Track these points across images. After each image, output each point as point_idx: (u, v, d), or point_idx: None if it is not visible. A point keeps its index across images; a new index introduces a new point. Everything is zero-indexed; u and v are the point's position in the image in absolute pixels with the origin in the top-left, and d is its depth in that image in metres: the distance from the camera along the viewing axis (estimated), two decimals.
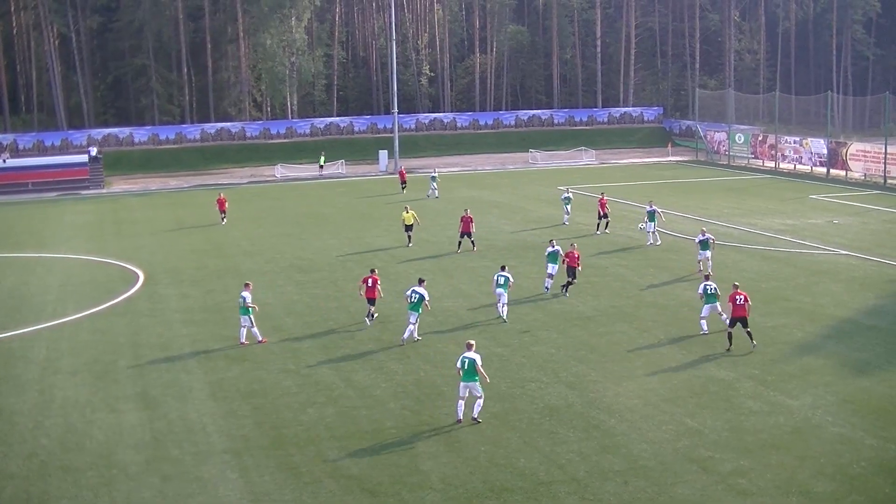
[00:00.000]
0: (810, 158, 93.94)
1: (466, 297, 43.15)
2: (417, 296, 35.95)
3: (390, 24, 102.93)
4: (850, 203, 72.38)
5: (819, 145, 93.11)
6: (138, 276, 49.27)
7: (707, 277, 38.56)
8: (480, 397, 28.03)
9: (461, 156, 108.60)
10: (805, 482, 24.20)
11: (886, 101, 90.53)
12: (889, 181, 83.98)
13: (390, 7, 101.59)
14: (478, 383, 27.88)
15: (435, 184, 76.09)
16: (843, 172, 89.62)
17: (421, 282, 36.99)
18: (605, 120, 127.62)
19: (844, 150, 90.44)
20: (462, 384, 27.99)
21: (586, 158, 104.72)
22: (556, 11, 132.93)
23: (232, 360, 34.75)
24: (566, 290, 43.12)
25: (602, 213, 59.13)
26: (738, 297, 34.41)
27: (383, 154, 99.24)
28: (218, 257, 54.21)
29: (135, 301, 44.45)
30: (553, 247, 43.75)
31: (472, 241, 53.60)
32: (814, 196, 76.00)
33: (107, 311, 42.62)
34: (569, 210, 62.31)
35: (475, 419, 27.99)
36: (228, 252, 55.73)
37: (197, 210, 72.06)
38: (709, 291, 36.94)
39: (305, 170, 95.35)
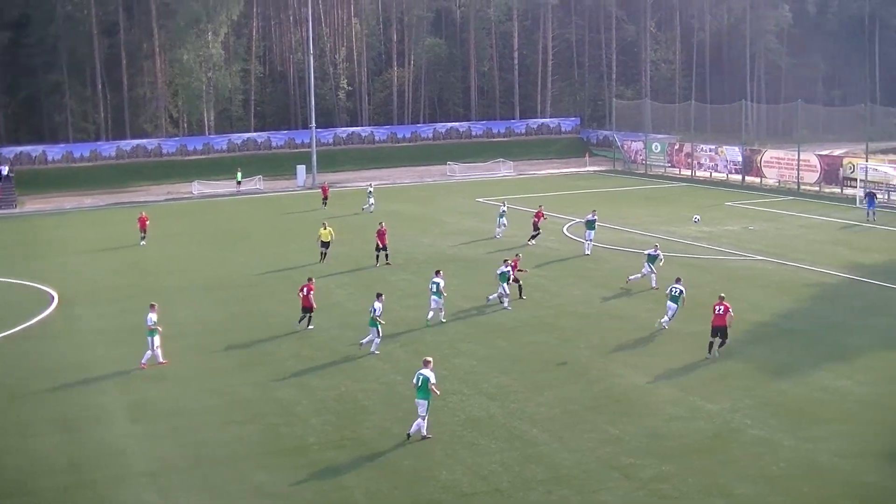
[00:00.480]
0: (726, 166, 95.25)
1: (387, 311, 42.90)
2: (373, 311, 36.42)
3: (307, 38, 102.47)
4: (766, 209, 73.49)
5: (734, 153, 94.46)
6: (53, 298, 48.29)
7: (677, 280, 39.39)
8: (422, 417, 27.80)
9: (380, 169, 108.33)
10: (727, 485, 24.48)
11: (798, 109, 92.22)
12: (802, 187, 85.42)
13: (307, 21, 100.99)
14: (426, 402, 27.69)
15: (371, 198, 75.58)
16: (757, 179, 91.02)
17: (378, 296, 37.09)
18: (523, 131, 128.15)
19: (759, 158, 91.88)
20: (416, 401, 27.98)
21: (504, 170, 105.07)
22: (474, 24, 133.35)
23: (151, 380, 34.24)
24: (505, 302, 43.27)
25: (536, 225, 59.45)
26: (718, 307, 34.88)
27: (301, 169, 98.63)
28: (135, 276, 53.36)
29: (49, 323, 43.64)
30: (505, 266, 43.58)
31: (386, 255, 53.59)
32: (729, 203, 77.03)
33: (20, 333, 41.73)
34: (505, 223, 62.28)
35: (409, 434, 27.89)
36: (146, 271, 54.91)
37: (114, 229, 70.95)
38: (673, 293, 38.30)
39: (223, 186, 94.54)
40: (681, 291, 38.28)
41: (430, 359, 28.57)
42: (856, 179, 79.74)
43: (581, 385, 32.31)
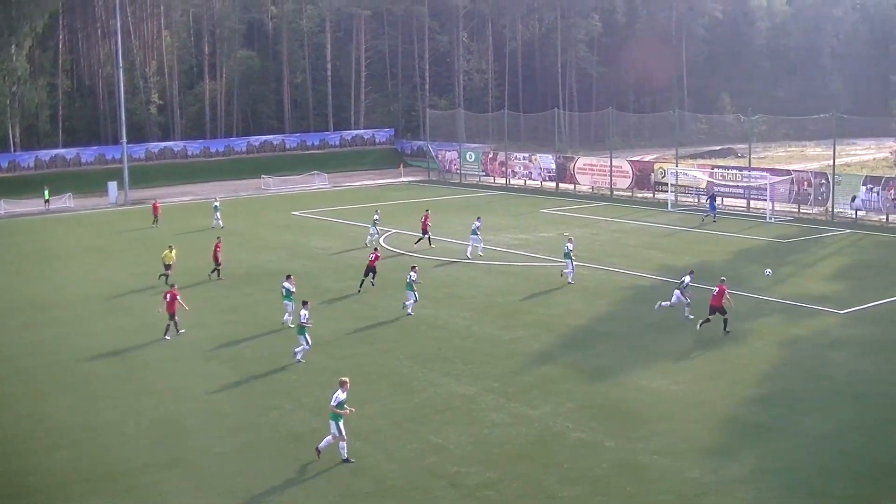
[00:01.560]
0: (540, 174, 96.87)
1: (205, 327, 42.15)
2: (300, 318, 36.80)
3: (116, 51, 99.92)
4: (580, 215, 74.98)
5: (548, 160, 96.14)
6: None
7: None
8: (329, 436, 27.05)
9: (193, 184, 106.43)
10: (551, 488, 24.75)
11: (611, 116, 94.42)
12: (615, 193, 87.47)
13: (116, 34, 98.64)
14: (333, 423, 26.97)
15: (218, 213, 73.42)
16: (571, 186, 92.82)
17: (305, 303, 37.24)
18: (338, 143, 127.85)
19: (572, 165, 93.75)
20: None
21: (319, 182, 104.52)
22: (287, 36, 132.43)
23: None
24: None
25: (423, 230, 60.65)
26: (716, 289, 39.33)
27: (112, 185, 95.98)
28: None
29: None
30: (413, 272, 43.83)
31: (218, 270, 52.79)
32: (544, 210, 78.32)
33: None
34: (377, 231, 62.52)
35: (318, 449, 27.17)
36: None
37: None
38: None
39: (30, 205, 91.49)
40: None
41: (345, 379, 27.68)
42: (667, 184, 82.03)
43: (403, 396, 32.27)
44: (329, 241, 63.10)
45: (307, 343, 36.71)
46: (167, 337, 40.23)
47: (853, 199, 71.28)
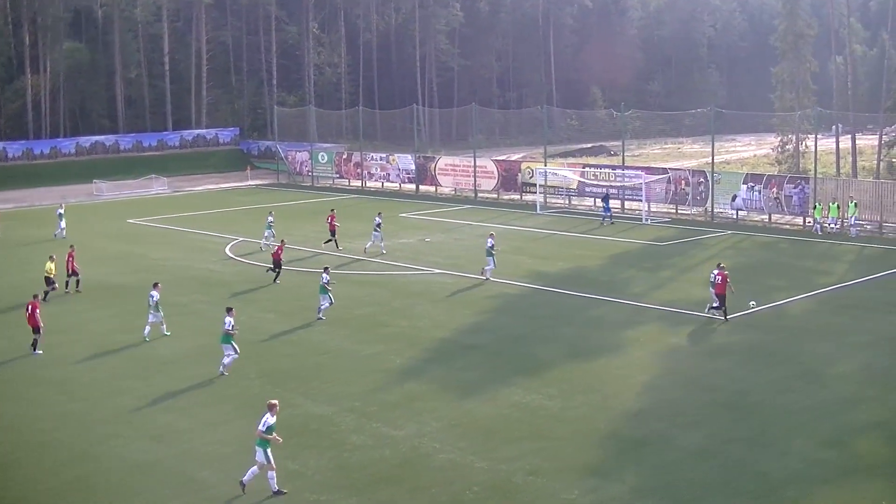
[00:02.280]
0: (398, 175, 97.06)
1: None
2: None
3: None
4: (442, 219, 75.34)
5: (406, 161, 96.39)
6: None
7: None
8: (254, 467, 26.37)
9: (15, 190, 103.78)
10: None
11: (474, 112, 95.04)
12: (480, 195, 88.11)
13: None
14: (260, 450, 26.27)
15: (63, 221, 71.55)
16: (433, 188, 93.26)
17: (229, 310, 37.36)
18: (177, 144, 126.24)
19: (433, 165, 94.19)
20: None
21: (157, 187, 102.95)
22: (119, 25, 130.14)
23: None
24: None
25: (332, 230, 62.21)
26: (717, 277, 42.76)
27: None
28: None
29: None
30: (326, 274, 45.19)
31: (78, 281, 52.16)
32: (404, 214, 78.44)
33: None
34: (272, 234, 63.65)
35: (242, 482, 26.42)
36: None
37: None
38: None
39: None
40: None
41: (274, 402, 27.11)
42: (535, 185, 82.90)
43: (255, 418, 31.74)
44: (169, 250, 62.20)
45: (235, 352, 36.65)
46: (38, 352, 39.94)
47: (733, 198, 73.04)
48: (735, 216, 73.21)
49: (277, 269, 52.53)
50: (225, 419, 31.91)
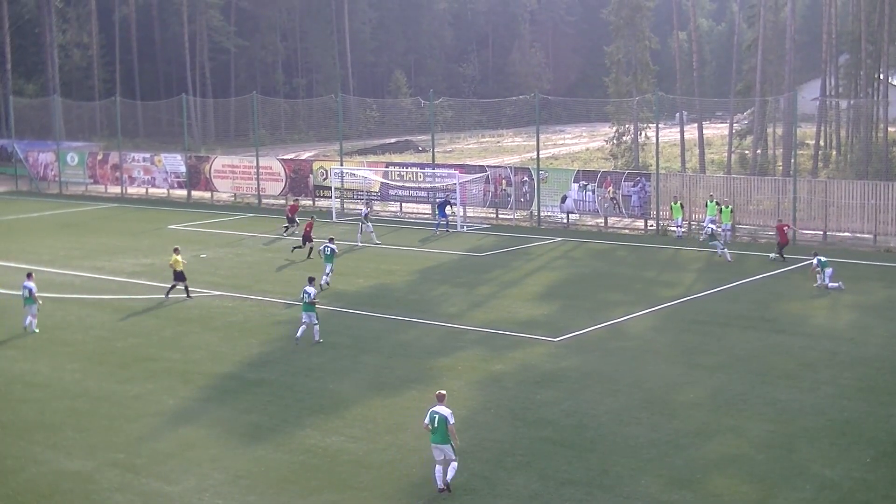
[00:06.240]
0: (166, 179, 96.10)
1: None
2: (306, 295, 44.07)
3: None
4: (221, 231, 74.88)
5: (175, 162, 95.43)
6: None
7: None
8: (454, 460, 27.62)
9: None
10: None
11: (255, 103, 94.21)
12: (265, 201, 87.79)
13: None
14: (450, 446, 27.46)
15: None
16: (208, 194, 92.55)
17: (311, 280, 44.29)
18: None
19: (207, 167, 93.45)
20: (433, 447, 27.73)
21: None
22: None
23: None
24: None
25: (306, 235, 63.47)
26: (784, 228, 60.11)
27: None
28: None
29: None
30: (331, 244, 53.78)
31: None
32: (173, 226, 77.70)
33: None
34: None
35: (444, 488, 27.74)
36: None
37: None
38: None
39: None
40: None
41: (443, 392, 28.30)
42: (330, 188, 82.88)
43: None
44: None
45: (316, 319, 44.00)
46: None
47: (563, 199, 74.25)
48: (566, 220, 74.45)
49: (309, 245, 62.26)
50: None
